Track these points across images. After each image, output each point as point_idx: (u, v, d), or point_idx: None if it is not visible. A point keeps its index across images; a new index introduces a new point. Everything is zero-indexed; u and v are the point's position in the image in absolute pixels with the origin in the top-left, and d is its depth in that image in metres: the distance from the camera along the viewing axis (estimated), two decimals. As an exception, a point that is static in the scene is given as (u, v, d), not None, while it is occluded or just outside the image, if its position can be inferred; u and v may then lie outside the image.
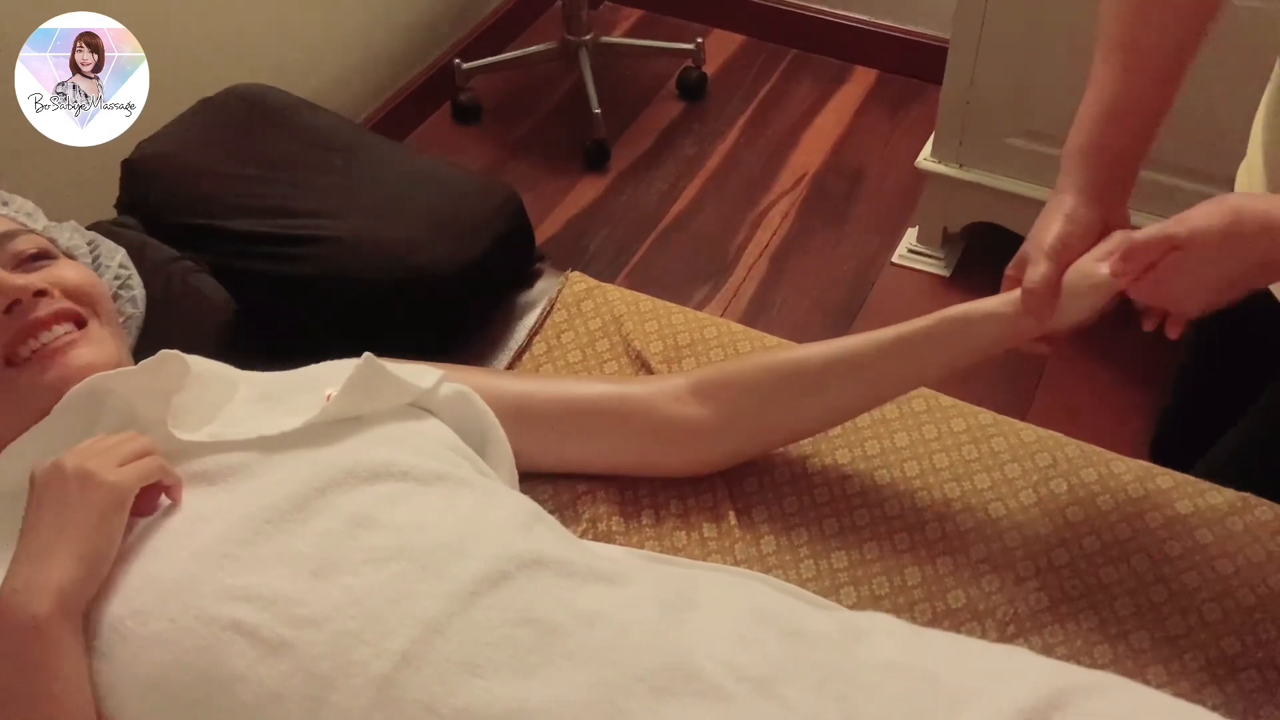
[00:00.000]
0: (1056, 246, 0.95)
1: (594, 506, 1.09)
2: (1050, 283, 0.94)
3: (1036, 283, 0.94)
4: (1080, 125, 0.99)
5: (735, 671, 0.81)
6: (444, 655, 0.78)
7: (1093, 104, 0.99)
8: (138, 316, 1.11)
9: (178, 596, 0.80)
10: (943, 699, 0.81)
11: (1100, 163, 0.97)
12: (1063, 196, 0.98)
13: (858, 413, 1.12)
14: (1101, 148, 0.98)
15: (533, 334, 1.28)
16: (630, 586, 0.87)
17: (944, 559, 1.05)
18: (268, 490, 0.86)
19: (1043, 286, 0.94)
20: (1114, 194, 0.98)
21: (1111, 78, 0.98)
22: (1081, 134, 0.99)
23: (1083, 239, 0.96)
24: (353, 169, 1.32)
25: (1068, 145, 1.00)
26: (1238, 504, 1.06)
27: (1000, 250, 2.45)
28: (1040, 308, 0.95)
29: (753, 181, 2.49)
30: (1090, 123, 0.98)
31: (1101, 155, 0.98)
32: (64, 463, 0.82)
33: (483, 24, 2.77)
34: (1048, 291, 0.94)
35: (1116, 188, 0.98)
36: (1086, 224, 0.96)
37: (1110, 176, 0.98)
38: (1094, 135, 0.98)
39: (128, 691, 0.78)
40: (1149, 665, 0.97)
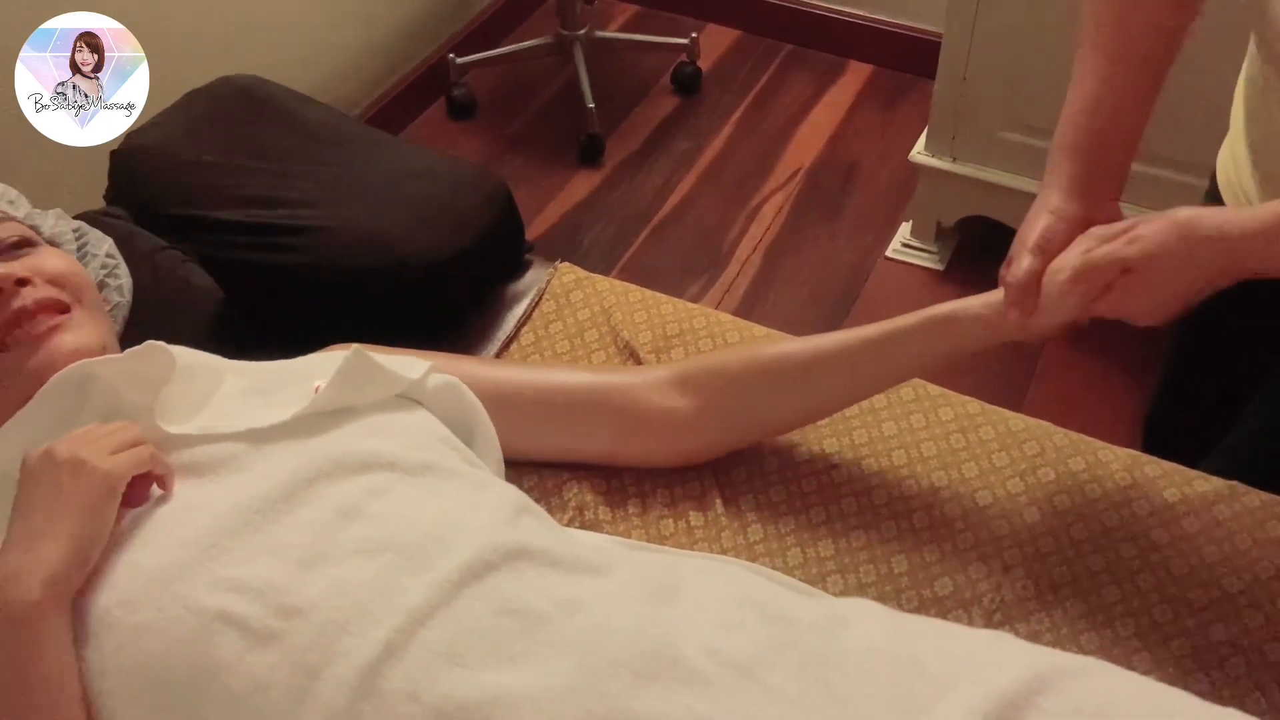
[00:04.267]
0: (1039, 242, 0.95)
1: (580, 494, 1.09)
2: (1032, 277, 0.94)
3: (1018, 277, 0.95)
4: (1063, 123, 1.00)
5: (718, 656, 0.81)
6: (427, 645, 0.78)
7: (1074, 101, 0.99)
8: (124, 305, 1.11)
9: (166, 586, 0.80)
10: (926, 683, 0.81)
11: (1083, 158, 0.98)
12: (1048, 193, 0.98)
13: (841, 407, 1.12)
14: (1084, 144, 0.98)
15: (521, 324, 1.28)
16: (615, 575, 0.87)
17: (931, 547, 1.05)
18: (256, 481, 0.86)
19: (1024, 280, 0.94)
20: (1100, 189, 0.98)
21: (1092, 76, 0.98)
22: (1064, 131, 0.99)
23: (1067, 233, 0.95)
24: (341, 159, 1.32)
25: (1054, 142, 1.00)
26: (1225, 492, 1.06)
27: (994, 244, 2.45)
28: (1022, 302, 0.95)
29: (747, 176, 2.49)
30: (1072, 120, 0.99)
31: (1084, 151, 0.98)
32: (56, 450, 0.82)
33: (477, 18, 2.77)
34: (1029, 286, 0.94)
35: (1103, 183, 0.98)
36: (1070, 219, 0.96)
37: (1094, 171, 0.98)
38: (1076, 132, 0.99)
39: (115, 680, 0.78)
40: (1135, 652, 0.97)
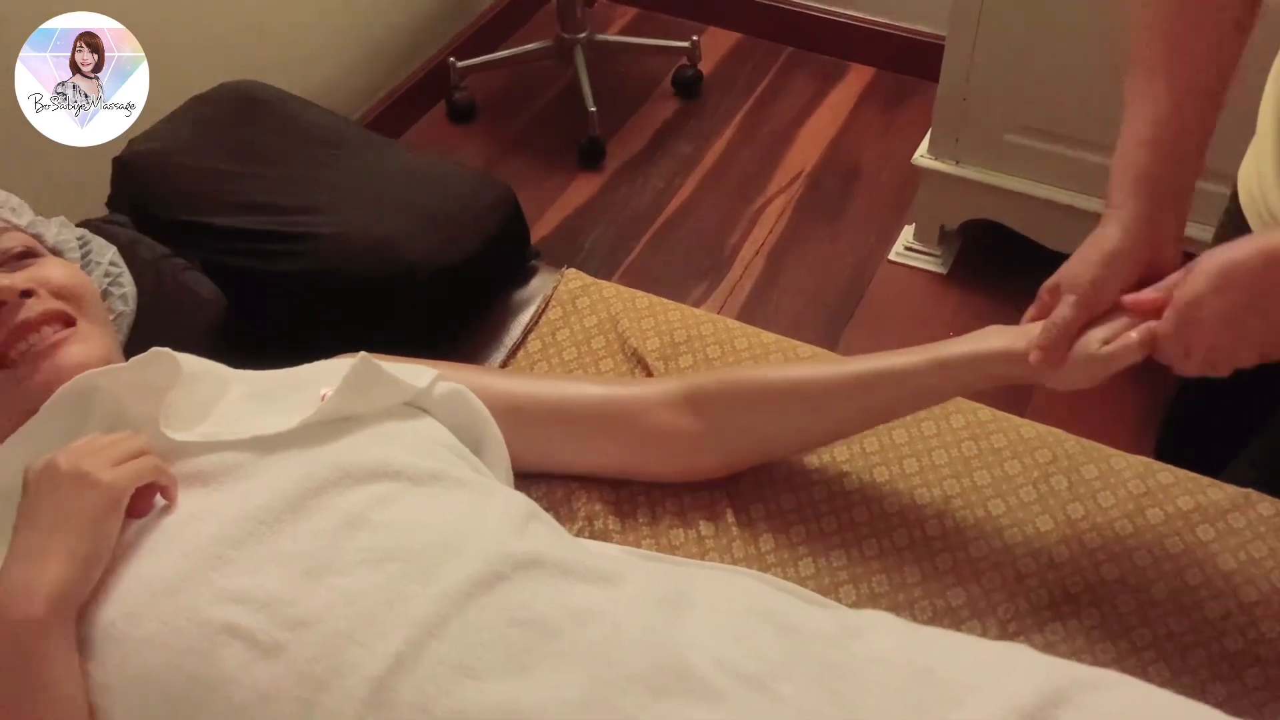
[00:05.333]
0: (1088, 292, 0.91)
1: (590, 504, 1.08)
2: (1069, 328, 0.91)
3: (1057, 325, 0.91)
4: (1124, 153, 0.94)
5: (730, 669, 0.80)
6: (438, 657, 0.77)
7: (1142, 127, 0.92)
8: (128, 314, 1.10)
9: (170, 598, 0.79)
10: (940, 696, 0.80)
11: (1149, 193, 0.92)
12: (1110, 230, 0.92)
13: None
14: (1150, 177, 0.92)
15: (528, 331, 1.28)
16: (626, 585, 0.86)
17: (944, 556, 1.04)
18: (262, 490, 0.85)
19: (1061, 330, 0.91)
20: (1165, 227, 0.93)
21: (1152, 104, 0.92)
22: (1128, 163, 0.93)
23: (1119, 285, 0.92)
24: (345, 165, 1.31)
25: (1114, 174, 0.94)
26: (1239, 500, 1.05)
27: (997, 247, 2.44)
28: (1053, 350, 0.91)
29: (749, 179, 2.48)
30: (1138, 148, 0.93)
31: (1150, 185, 0.92)
32: (58, 461, 0.81)
33: (478, 22, 2.76)
34: (1064, 336, 0.91)
35: (1168, 219, 0.93)
36: (1127, 269, 0.92)
37: (1160, 206, 0.92)
38: (1140, 165, 0.92)
39: (120, 693, 0.77)
40: (1151, 663, 0.96)
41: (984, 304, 2.11)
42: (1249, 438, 1.20)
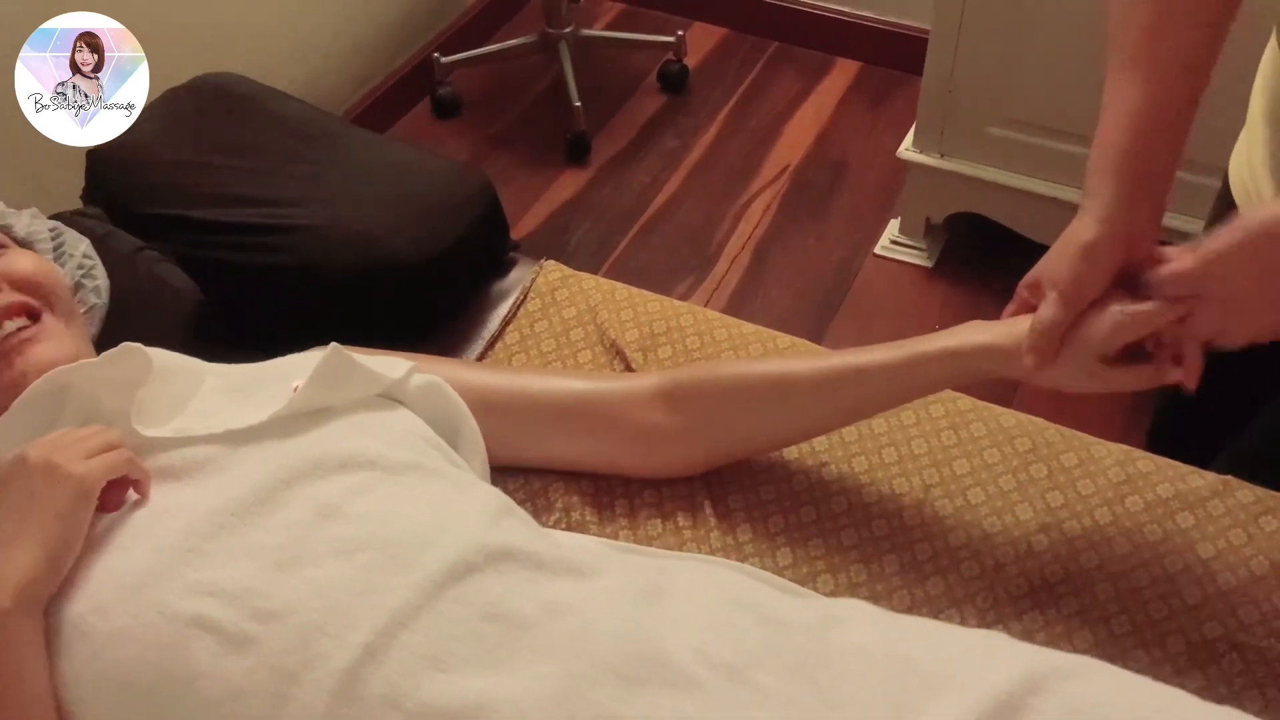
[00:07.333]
0: (1071, 290, 0.90)
1: (567, 496, 1.07)
2: (1059, 328, 0.90)
3: (1044, 325, 0.90)
4: (1099, 145, 0.92)
5: (707, 659, 0.79)
6: (408, 649, 0.76)
7: (1119, 117, 0.91)
8: (101, 307, 1.09)
9: (140, 592, 0.78)
10: (919, 684, 0.80)
11: (1124, 180, 0.90)
12: (1086, 221, 0.91)
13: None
14: (1128, 163, 0.90)
15: (506, 323, 1.27)
16: (601, 578, 0.86)
17: (922, 545, 1.04)
18: (233, 484, 0.84)
19: (1050, 330, 0.90)
20: (1140, 216, 0.91)
21: (1133, 89, 0.91)
22: (1102, 154, 0.92)
23: (1101, 278, 0.90)
24: (322, 157, 1.30)
25: (1091, 164, 0.92)
26: (1218, 487, 1.05)
27: (983, 240, 2.43)
28: (1043, 350, 0.91)
29: (735, 174, 2.47)
30: (1109, 140, 0.91)
31: (1125, 173, 0.90)
32: (29, 454, 0.80)
33: (462, 17, 2.76)
34: (1053, 336, 0.90)
35: (1143, 208, 0.91)
36: (1106, 262, 0.90)
37: (1135, 194, 0.91)
38: (1115, 153, 0.91)
39: (89, 688, 0.77)
40: (1130, 650, 0.96)
41: (970, 297, 2.11)
42: (1239, 428, 1.20)
